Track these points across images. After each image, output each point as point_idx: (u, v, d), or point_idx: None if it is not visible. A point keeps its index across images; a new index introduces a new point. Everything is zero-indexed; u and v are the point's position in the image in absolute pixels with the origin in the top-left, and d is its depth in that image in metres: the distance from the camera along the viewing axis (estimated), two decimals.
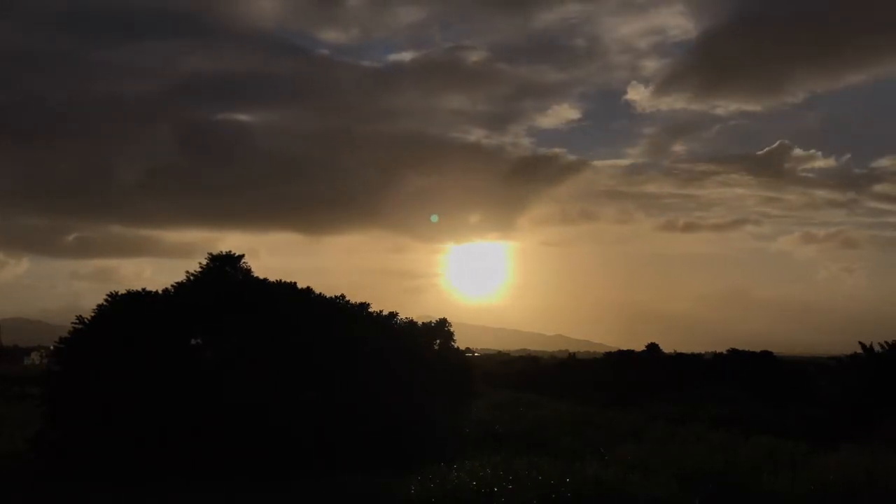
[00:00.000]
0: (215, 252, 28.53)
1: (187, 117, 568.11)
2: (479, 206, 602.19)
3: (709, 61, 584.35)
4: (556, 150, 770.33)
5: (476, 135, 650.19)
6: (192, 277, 27.93)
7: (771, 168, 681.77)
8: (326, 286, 35.30)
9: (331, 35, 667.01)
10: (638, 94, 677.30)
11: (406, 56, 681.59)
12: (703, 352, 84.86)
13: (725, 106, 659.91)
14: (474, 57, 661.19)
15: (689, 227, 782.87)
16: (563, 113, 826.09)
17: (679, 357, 72.07)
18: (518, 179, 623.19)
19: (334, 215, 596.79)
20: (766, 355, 59.43)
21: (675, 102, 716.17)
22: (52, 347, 37.48)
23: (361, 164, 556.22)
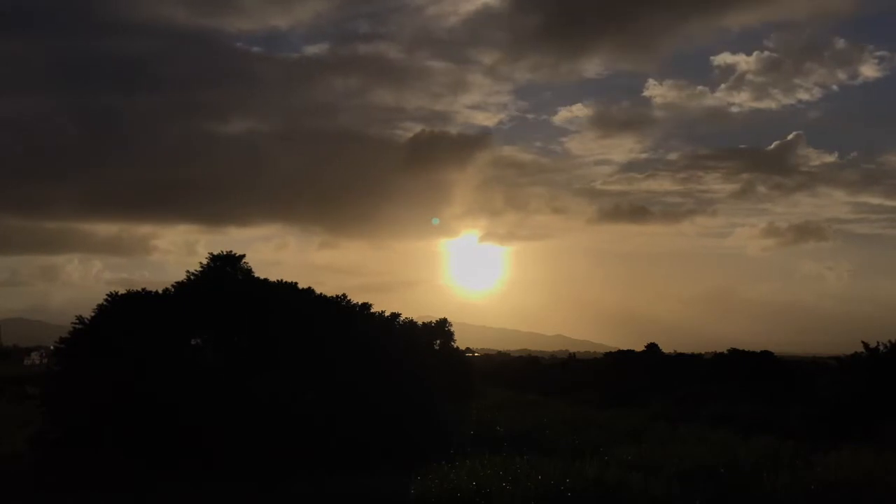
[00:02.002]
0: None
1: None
2: (388, 201, 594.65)
3: None
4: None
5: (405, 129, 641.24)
6: (192, 277, 27.93)
7: None
8: None
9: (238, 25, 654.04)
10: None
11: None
12: (702, 352, 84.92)
13: None
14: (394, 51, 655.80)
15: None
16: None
17: (679, 357, 72.12)
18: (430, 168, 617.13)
19: (237, 207, 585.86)
20: (766, 355, 59.40)
21: None
22: (52, 347, 37.52)
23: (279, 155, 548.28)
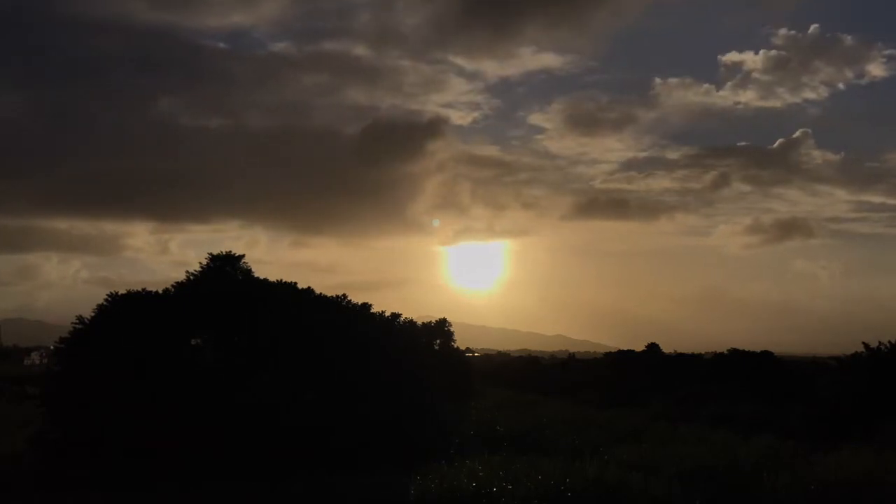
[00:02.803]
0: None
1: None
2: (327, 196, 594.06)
3: None
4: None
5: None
6: (192, 277, 27.93)
7: None
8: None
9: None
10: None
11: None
12: (702, 352, 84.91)
13: None
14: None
15: None
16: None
17: (679, 357, 72.13)
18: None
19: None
20: (766, 355, 59.42)
21: None
22: (52, 347, 37.52)
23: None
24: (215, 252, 28.50)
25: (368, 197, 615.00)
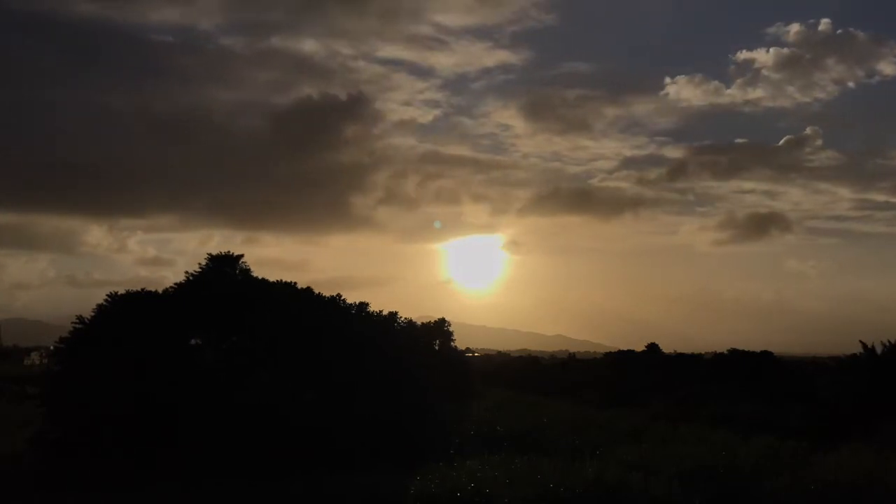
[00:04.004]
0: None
1: None
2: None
3: None
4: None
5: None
6: (191, 277, 27.96)
7: None
8: None
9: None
10: None
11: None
12: (702, 352, 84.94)
13: None
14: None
15: None
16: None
17: (679, 357, 72.14)
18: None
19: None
20: (766, 355, 59.44)
21: None
22: (52, 347, 37.54)
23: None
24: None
25: (322, 193, 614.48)
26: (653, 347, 72.02)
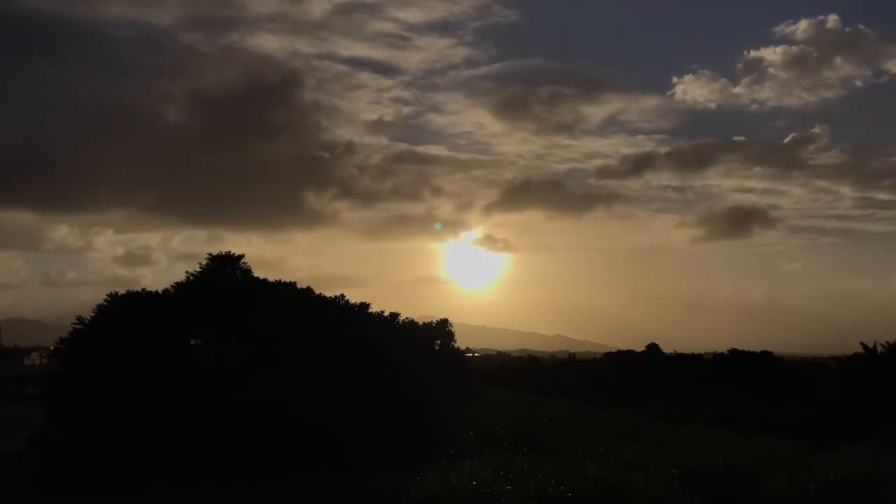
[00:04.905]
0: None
1: None
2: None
3: None
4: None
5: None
6: (191, 277, 27.94)
7: None
8: None
9: None
10: None
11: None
12: (702, 352, 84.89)
13: None
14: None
15: None
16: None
17: (679, 357, 72.07)
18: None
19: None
20: (766, 355, 59.38)
21: None
22: (52, 347, 37.52)
23: None
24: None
25: (282, 190, 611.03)
26: (653, 348, 71.92)
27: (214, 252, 28.20)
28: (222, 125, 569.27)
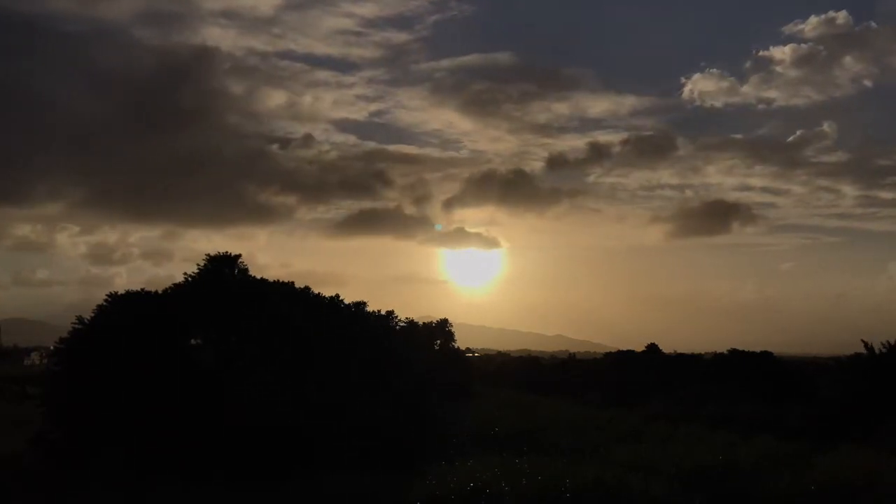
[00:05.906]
0: None
1: None
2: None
3: None
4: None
5: None
6: (190, 278, 27.95)
7: None
8: None
9: None
10: None
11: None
12: (702, 352, 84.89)
13: None
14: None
15: None
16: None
17: (679, 357, 72.06)
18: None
19: None
20: (766, 355, 59.38)
21: None
22: (52, 347, 37.52)
23: None
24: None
25: (233, 185, 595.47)
26: (653, 348, 71.87)
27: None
28: (169, 122, 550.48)
